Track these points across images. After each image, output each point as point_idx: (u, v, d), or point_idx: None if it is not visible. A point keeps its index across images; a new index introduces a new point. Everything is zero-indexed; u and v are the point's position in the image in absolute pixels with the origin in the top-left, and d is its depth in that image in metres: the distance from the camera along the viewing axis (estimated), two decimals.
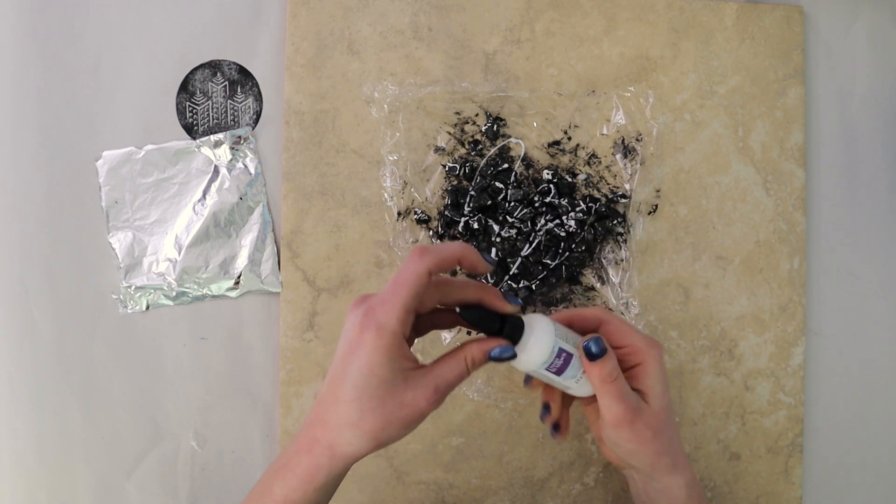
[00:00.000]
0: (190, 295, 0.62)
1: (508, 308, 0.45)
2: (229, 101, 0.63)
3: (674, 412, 0.52)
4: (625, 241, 0.65)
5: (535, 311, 0.52)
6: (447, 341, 0.63)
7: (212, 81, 0.63)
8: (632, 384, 0.49)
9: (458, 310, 0.45)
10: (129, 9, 0.63)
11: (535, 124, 0.64)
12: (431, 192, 0.63)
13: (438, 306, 0.46)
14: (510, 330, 0.46)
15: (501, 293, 0.45)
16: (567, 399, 0.54)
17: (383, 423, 0.42)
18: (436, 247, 0.43)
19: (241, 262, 0.62)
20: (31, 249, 0.62)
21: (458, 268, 0.49)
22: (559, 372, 0.48)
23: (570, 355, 0.48)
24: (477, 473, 0.64)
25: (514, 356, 0.46)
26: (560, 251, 0.63)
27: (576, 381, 0.49)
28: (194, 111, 0.63)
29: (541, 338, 0.46)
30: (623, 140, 0.65)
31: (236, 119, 0.63)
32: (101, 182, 0.61)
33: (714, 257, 0.66)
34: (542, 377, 0.49)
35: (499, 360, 0.45)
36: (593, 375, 0.47)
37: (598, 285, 0.64)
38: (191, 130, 0.63)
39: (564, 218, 0.63)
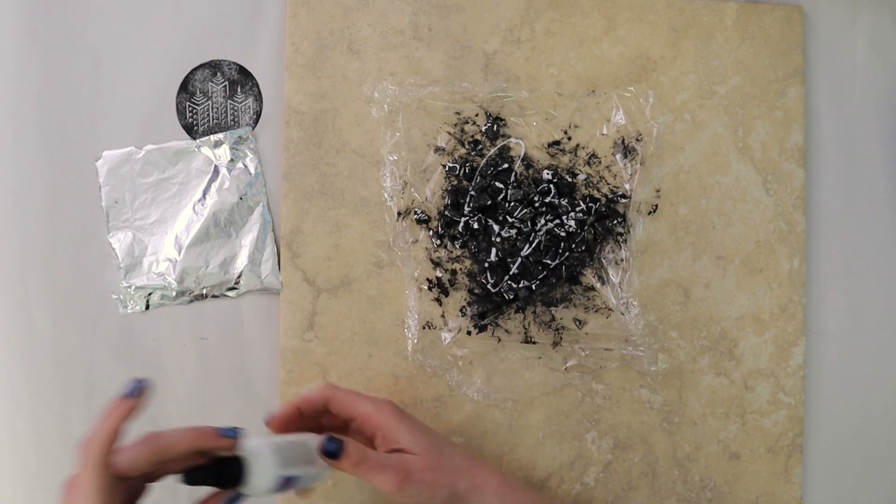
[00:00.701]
0: (190, 294, 0.62)
1: (224, 444, 0.44)
2: (229, 101, 0.63)
3: (442, 439, 0.53)
4: (625, 241, 0.65)
5: (255, 439, 0.47)
6: (447, 341, 0.63)
7: (212, 81, 0.63)
8: (385, 445, 0.51)
9: (181, 477, 0.43)
10: (129, 9, 0.63)
11: (535, 124, 0.64)
12: (431, 192, 0.63)
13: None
14: (231, 476, 0.43)
15: (215, 430, 0.44)
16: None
17: None
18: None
19: (241, 262, 0.62)
20: (31, 249, 0.62)
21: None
22: (296, 484, 0.48)
23: (295, 478, 0.47)
24: None
25: (241, 499, 0.45)
26: (560, 251, 0.63)
27: (320, 470, 0.49)
28: (194, 111, 0.63)
29: (260, 477, 0.44)
30: (623, 140, 0.65)
31: (236, 119, 0.63)
32: (101, 182, 0.61)
33: (714, 257, 0.66)
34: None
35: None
36: (345, 469, 0.48)
37: (598, 285, 0.64)
38: (191, 130, 0.63)
39: (564, 218, 0.63)
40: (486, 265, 0.63)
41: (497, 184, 0.63)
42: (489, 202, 0.63)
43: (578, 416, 0.65)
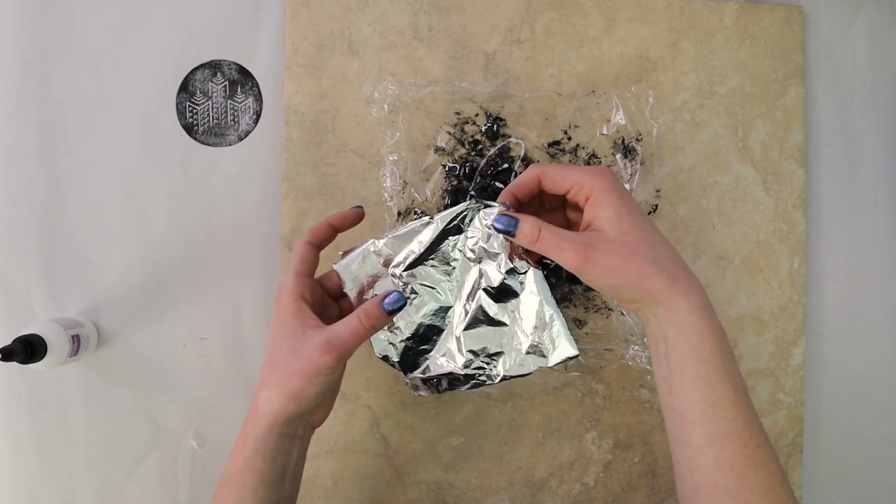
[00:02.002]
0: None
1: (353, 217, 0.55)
2: (229, 101, 0.63)
3: (655, 230, 0.48)
4: None
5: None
6: None
7: (212, 81, 0.63)
8: (586, 221, 0.48)
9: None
10: (129, 9, 0.63)
11: (535, 124, 0.64)
12: (431, 192, 0.63)
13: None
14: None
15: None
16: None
17: (287, 376, 0.46)
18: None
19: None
20: (32, 249, 0.62)
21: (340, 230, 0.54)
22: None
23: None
24: (477, 473, 0.64)
25: (403, 304, 0.49)
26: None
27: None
28: (194, 111, 0.63)
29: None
30: (623, 140, 0.65)
31: (236, 119, 0.63)
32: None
33: (714, 257, 0.66)
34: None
35: (393, 311, 0.49)
36: (523, 245, 0.48)
37: None
38: (191, 130, 0.63)
39: None
40: None
41: (497, 184, 0.63)
42: None
43: (578, 416, 0.65)
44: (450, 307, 0.53)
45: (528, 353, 0.51)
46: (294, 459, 0.49)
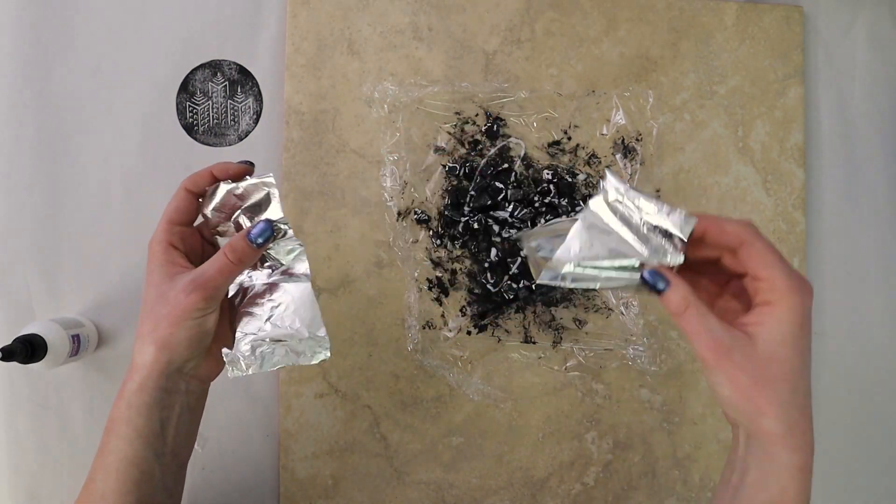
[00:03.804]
0: None
1: (242, 170, 0.49)
2: (229, 101, 0.63)
3: (806, 372, 0.42)
4: None
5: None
6: (447, 341, 0.63)
7: (212, 81, 0.63)
8: (749, 321, 0.41)
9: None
10: (129, 9, 0.63)
11: (535, 124, 0.64)
12: (431, 192, 0.63)
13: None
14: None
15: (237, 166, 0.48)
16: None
17: (155, 324, 0.44)
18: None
19: None
20: (33, 248, 0.62)
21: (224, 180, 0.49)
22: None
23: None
24: (477, 473, 0.64)
25: (271, 235, 0.45)
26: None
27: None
28: (194, 111, 0.63)
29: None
30: (623, 140, 0.65)
31: (236, 119, 0.63)
32: None
33: None
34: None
35: (262, 242, 0.46)
36: (666, 307, 0.42)
37: None
38: (191, 130, 0.63)
39: (564, 217, 0.63)
40: (486, 265, 0.63)
41: (497, 184, 0.63)
42: (489, 202, 0.63)
43: (578, 416, 0.65)
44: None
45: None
46: (176, 414, 0.46)
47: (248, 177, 0.47)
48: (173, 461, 0.46)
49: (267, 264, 0.48)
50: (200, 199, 0.48)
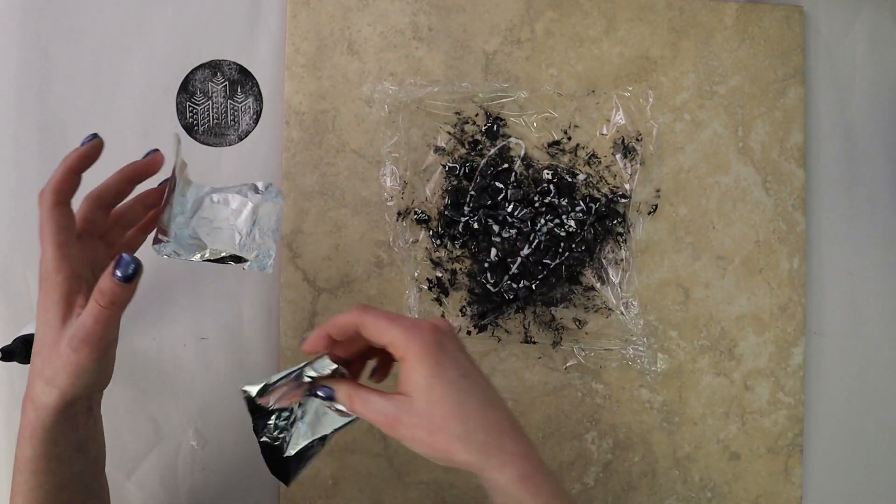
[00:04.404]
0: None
1: (150, 167, 0.49)
2: (229, 101, 0.63)
3: (471, 398, 0.44)
4: (625, 241, 0.65)
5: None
6: None
7: (212, 81, 0.63)
8: (401, 383, 0.45)
9: None
10: (129, 9, 0.63)
11: (535, 124, 0.64)
12: (431, 192, 0.63)
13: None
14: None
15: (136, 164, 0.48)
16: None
17: (53, 373, 0.43)
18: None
19: None
20: (33, 249, 0.61)
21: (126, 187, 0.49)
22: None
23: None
24: None
25: (137, 268, 0.43)
26: (560, 251, 0.63)
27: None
28: (194, 111, 0.63)
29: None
30: (623, 140, 0.65)
31: (236, 119, 0.63)
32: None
33: (714, 257, 0.66)
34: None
35: (131, 275, 0.42)
36: (342, 404, 0.46)
37: (598, 285, 0.64)
38: (191, 130, 0.63)
39: (564, 218, 0.63)
40: (486, 265, 0.63)
41: (497, 184, 0.63)
42: (489, 202, 0.63)
43: (578, 416, 0.65)
44: None
45: None
46: (89, 427, 0.47)
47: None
48: (94, 468, 0.48)
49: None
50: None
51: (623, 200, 0.65)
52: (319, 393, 0.47)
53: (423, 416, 0.43)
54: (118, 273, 0.42)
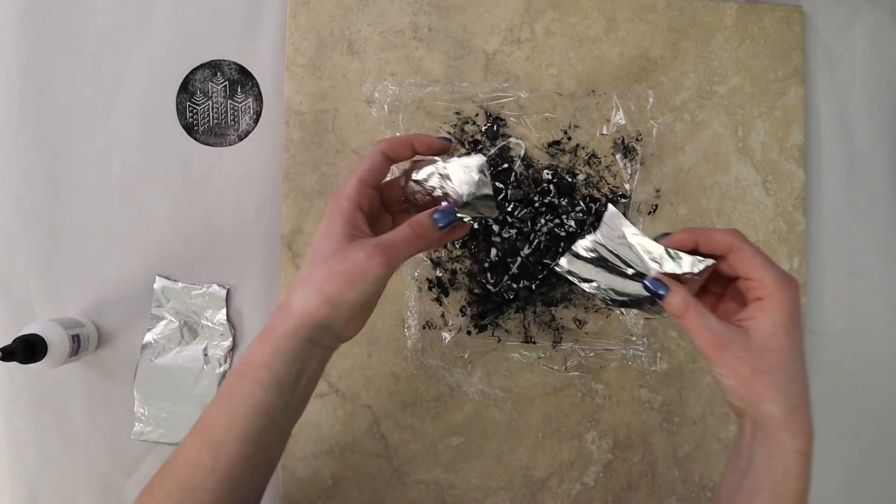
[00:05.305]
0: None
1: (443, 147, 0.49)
2: (229, 101, 0.63)
3: (801, 361, 0.44)
4: None
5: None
6: (447, 341, 0.63)
7: (212, 81, 0.63)
8: (744, 317, 0.45)
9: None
10: (129, 9, 0.63)
11: (535, 124, 0.64)
12: None
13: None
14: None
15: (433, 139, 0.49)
16: None
17: (327, 276, 0.43)
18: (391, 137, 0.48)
19: None
20: (33, 248, 0.62)
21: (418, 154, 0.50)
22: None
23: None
24: (477, 473, 0.64)
25: (453, 220, 0.47)
26: (560, 251, 0.63)
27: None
28: (194, 111, 0.63)
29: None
30: (623, 140, 0.65)
31: (236, 119, 0.63)
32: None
33: None
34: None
35: (443, 226, 0.46)
36: (668, 310, 0.46)
37: None
38: (191, 130, 0.63)
39: (564, 218, 0.63)
40: (486, 265, 0.63)
41: (497, 184, 0.63)
42: None
43: (578, 416, 0.65)
44: None
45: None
46: (312, 368, 0.46)
47: (454, 156, 0.47)
48: (294, 415, 0.47)
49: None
50: (396, 167, 0.49)
51: (623, 200, 0.65)
52: (648, 284, 0.46)
53: (756, 354, 0.43)
54: (438, 216, 0.46)
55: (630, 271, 0.48)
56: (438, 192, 0.48)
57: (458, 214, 0.47)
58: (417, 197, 0.49)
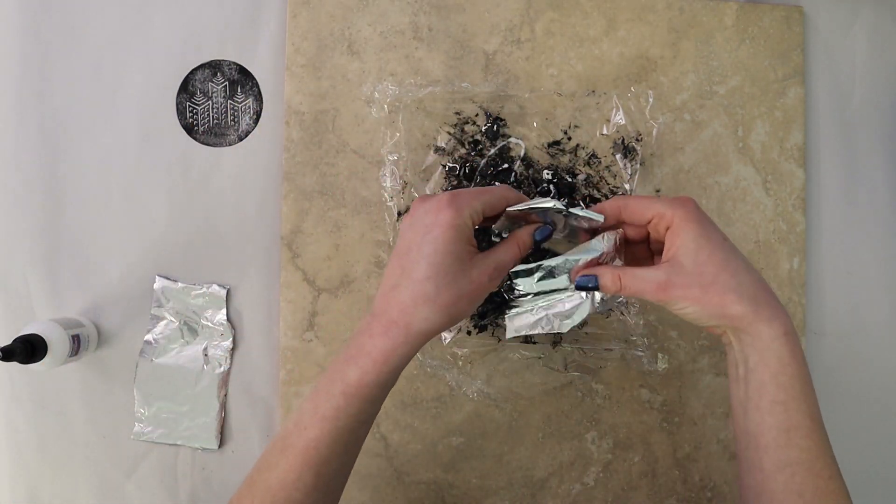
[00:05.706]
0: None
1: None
2: (229, 101, 0.63)
3: (736, 257, 0.47)
4: None
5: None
6: (447, 341, 0.63)
7: (212, 81, 0.63)
8: (667, 253, 0.47)
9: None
10: (129, 9, 0.63)
11: (535, 124, 0.64)
12: (431, 192, 0.63)
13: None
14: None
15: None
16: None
17: (456, 297, 0.45)
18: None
19: None
20: (33, 248, 0.62)
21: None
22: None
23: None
24: (477, 473, 0.64)
25: (549, 236, 0.50)
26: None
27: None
28: (194, 111, 0.63)
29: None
30: (623, 140, 0.65)
31: (236, 119, 0.63)
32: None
33: None
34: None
35: (539, 241, 0.50)
36: (607, 291, 0.48)
37: None
38: (191, 130, 0.63)
39: None
40: None
41: (496, 184, 0.63)
42: None
43: (578, 416, 0.65)
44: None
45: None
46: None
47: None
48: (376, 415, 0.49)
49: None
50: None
51: None
52: (588, 284, 0.48)
53: (695, 273, 0.45)
54: (538, 233, 0.50)
55: (562, 295, 0.50)
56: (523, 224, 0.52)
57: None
58: (498, 228, 0.53)
